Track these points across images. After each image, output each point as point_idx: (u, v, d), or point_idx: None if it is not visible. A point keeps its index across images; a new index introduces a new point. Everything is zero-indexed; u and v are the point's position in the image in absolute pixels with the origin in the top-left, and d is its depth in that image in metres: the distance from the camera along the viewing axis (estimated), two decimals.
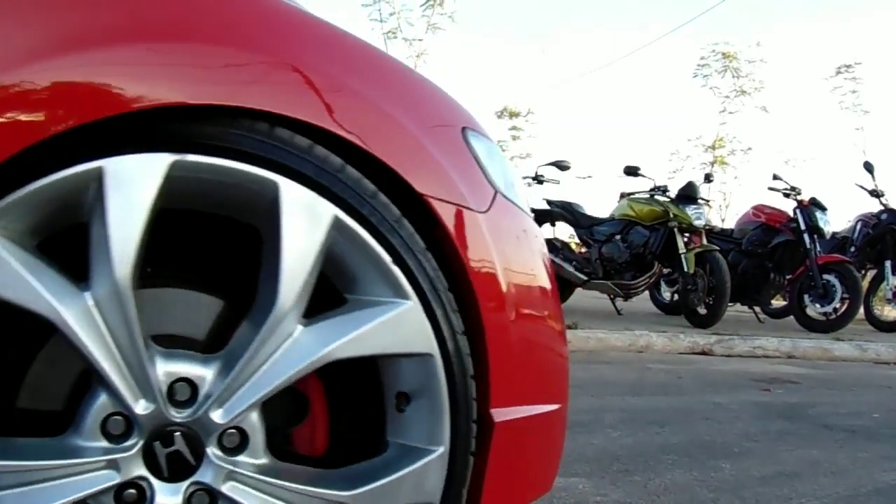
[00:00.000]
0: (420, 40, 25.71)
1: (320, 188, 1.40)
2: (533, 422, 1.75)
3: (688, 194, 10.43)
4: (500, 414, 1.62)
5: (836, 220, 11.36)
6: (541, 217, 11.51)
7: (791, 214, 11.06)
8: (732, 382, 6.46)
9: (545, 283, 1.84)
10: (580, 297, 12.31)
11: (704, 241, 10.34)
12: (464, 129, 1.72)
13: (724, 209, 29.51)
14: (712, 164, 28.36)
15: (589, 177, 24.94)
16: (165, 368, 1.33)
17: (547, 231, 11.99)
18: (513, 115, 32.07)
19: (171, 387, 1.33)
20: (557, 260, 10.70)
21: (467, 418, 1.56)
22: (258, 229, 1.41)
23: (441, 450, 1.52)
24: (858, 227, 12.23)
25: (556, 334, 1.87)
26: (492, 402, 1.60)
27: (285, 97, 1.38)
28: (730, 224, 18.00)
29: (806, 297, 10.68)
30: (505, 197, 1.75)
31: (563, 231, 12.38)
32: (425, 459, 1.50)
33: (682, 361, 7.69)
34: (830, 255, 10.94)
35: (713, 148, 28.66)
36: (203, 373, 1.36)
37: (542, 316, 1.81)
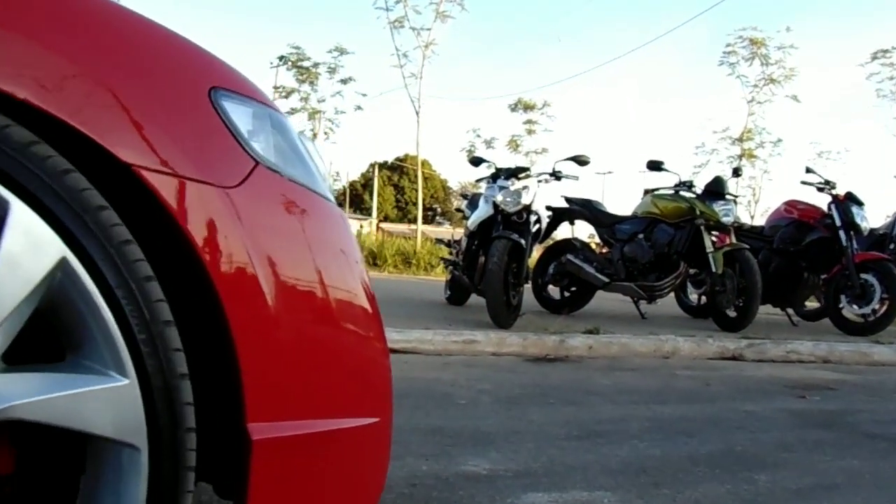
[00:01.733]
0: (428, 29, 25.75)
1: None
2: (328, 438, 1.65)
3: (715, 190, 10.40)
4: (263, 430, 1.49)
5: (874, 216, 11.32)
6: (559, 215, 11.57)
7: (825, 210, 11.01)
8: (765, 389, 6.44)
9: (343, 277, 1.73)
10: (601, 300, 12.31)
11: (733, 240, 10.28)
12: (213, 89, 1.58)
13: (753, 205, 29.61)
14: (740, 157, 28.42)
15: (610, 172, 25.00)
16: None
17: (566, 230, 11.99)
18: (527, 107, 32.15)
19: None
20: (577, 261, 10.73)
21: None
22: None
23: None
24: None
25: (363, 340, 1.78)
26: (248, 417, 1.47)
27: None
28: (760, 221, 17.97)
29: (842, 297, 10.60)
30: (277, 172, 1.63)
31: (583, 230, 12.39)
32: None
33: (711, 367, 7.66)
34: (868, 253, 10.85)
35: (741, 140, 28.73)
36: None
37: (338, 318, 1.70)
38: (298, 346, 1.57)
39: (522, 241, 8.83)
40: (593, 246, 12.09)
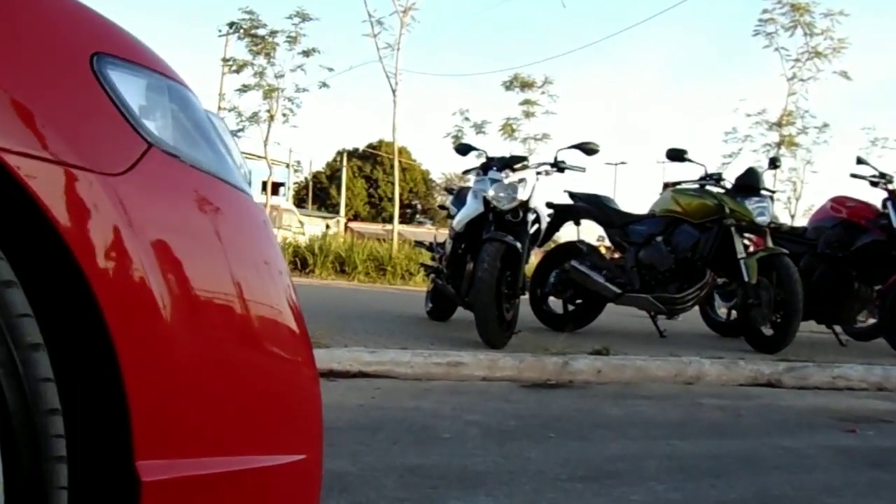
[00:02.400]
0: None
1: None
2: (239, 478, 1.60)
3: (748, 184, 10.33)
4: (155, 469, 1.43)
5: None
6: (562, 214, 11.54)
7: (880, 208, 10.98)
8: (807, 421, 6.46)
9: (264, 288, 1.70)
10: (613, 314, 12.29)
11: (770, 243, 10.24)
12: (97, 56, 1.52)
13: (794, 202, 29.52)
14: (779, 145, 28.28)
15: (623, 163, 25.00)
16: None
17: (570, 231, 11.94)
18: (525, 85, 32.01)
19: None
20: (583, 268, 10.70)
21: None
22: None
23: None
24: None
25: (286, 364, 1.75)
26: (137, 454, 1.41)
27: None
28: (802, 221, 17.95)
29: None
30: (176, 157, 1.58)
31: (591, 231, 12.33)
32: None
33: (743, 395, 7.69)
34: None
35: (780, 125, 28.52)
36: None
37: (256, 339, 1.66)
38: (204, 371, 1.53)
39: (518, 245, 8.77)
40: (603, 250, 12.07)
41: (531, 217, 9.42)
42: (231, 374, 1.58)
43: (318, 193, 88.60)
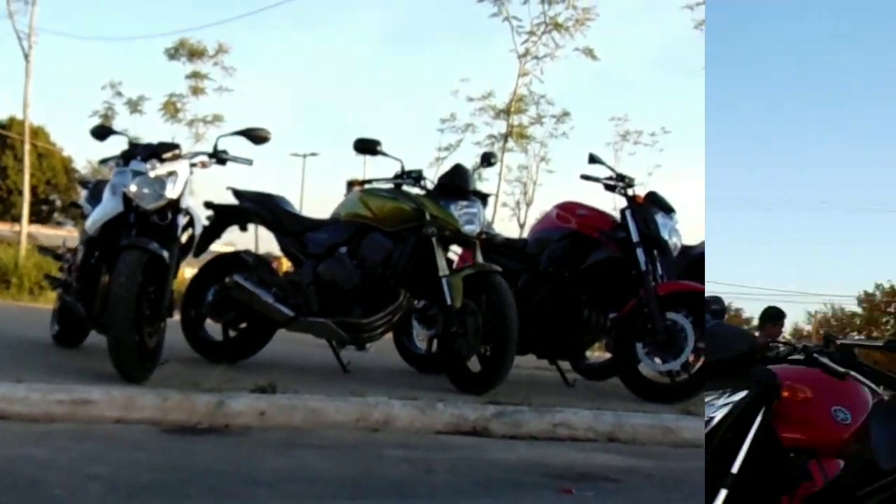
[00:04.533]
0: None
1: None
2: None
3: (455, 184, 10.41)
4: None
5: (690, 229, 11.44)
6: (224, 216, 11.42)
7: (617, 218, 11.22)
8: (514, 479, 6.56)
9: None
10: (284, 342, 12.22)
11: (479, 259, 10.35)
12: None
13: (523, 209, 29.86)
14: (506, 137, 28.44)
15: (313, 154, 24.91)
16: None
17: (239, 238, 11.82)
18: (194, 54, 31.80)
19: None
20: (248, 285, 10.57)
21: None
22: None
23: None
24: None
25: None
26: None
27: None
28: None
29: (639, 346, 10.65)
30: None
31: (263, 240, 12.23)
32: None
33: (439, 446, 7.73)
34: (678, 282, 11.08)
35: (508, 113, 28.62)
36: None
37: None
38: None
39: (165, 253, 8.59)
40: (283, 264, 12.00)
41: (183, 220, 9.20)
42: None
43: None
